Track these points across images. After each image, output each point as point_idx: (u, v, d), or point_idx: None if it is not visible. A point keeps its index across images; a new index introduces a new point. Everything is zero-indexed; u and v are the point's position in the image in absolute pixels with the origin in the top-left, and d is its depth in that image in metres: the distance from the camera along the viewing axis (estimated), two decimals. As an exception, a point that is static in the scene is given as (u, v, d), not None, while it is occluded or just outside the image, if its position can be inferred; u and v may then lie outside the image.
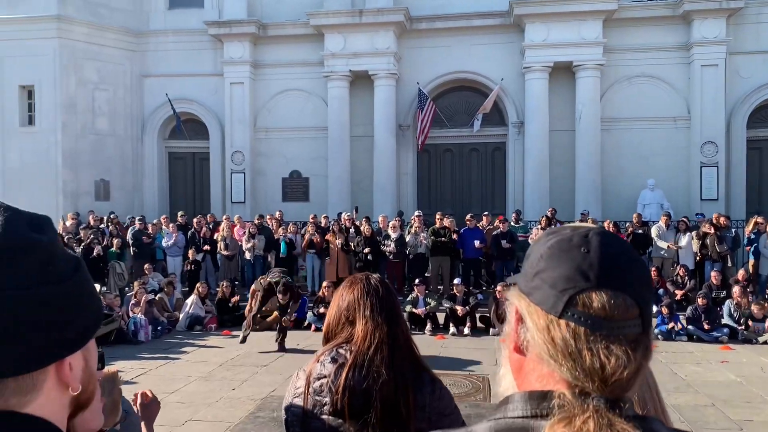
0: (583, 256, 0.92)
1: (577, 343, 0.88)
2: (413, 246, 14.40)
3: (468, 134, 18.03)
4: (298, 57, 18.23)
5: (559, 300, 0.90)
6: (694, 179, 16.64)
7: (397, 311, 2.19)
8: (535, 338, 0.92)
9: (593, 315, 0.88)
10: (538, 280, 0.94)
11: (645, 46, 16.87)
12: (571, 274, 0.91)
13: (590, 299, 0.89)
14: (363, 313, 2.13)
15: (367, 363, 2.06)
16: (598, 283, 0.89)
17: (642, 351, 0.88)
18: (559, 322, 0.90)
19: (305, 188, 18.51)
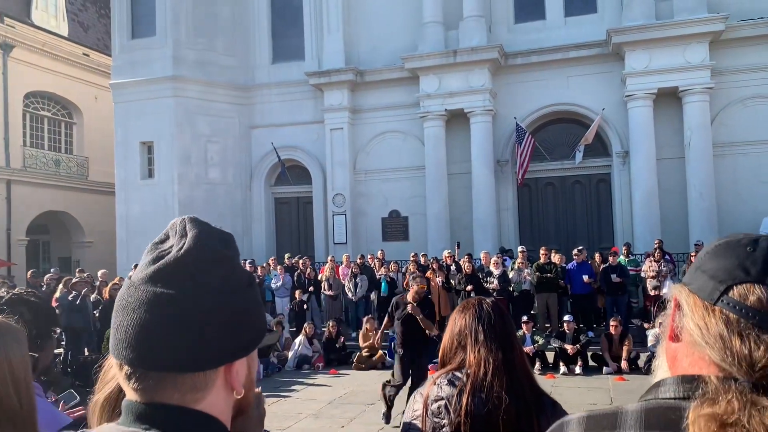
0: (748, 253, 0.98)
1: (729, 328, 0.93)
2: (517, 282, 14.11)
3: (570, 167, 17.61)
4: (394, 100, 18.68)
5: (716, 289, 0.97)
6: (824, 204, 15.33)
7: (512, 336, 2.18)
8: (690, 323, 0.98)
9: (748, 306, 0.93)
10: (699, 272, 1.00)
11: (758, 65, 15.94)
12: (732, 267, 0.97)
13: (747, 291, 0.94)
14: (475, 338, 2.14)
15: (486, 389, 2.06)
16: (758, 279, 0.95)
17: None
18: (713, 308, 0.96)
19: (404, 227, 18.69)
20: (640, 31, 16.08)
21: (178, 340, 0.92)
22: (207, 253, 0.97)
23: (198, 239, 0.97)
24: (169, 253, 0.96)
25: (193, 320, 0.92)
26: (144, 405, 0.94)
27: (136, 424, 0.93)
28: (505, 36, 17.91)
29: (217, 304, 0.94)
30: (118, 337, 0.95)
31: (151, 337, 0.92)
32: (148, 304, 0.93)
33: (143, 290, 0.94)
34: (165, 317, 0.92)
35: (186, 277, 0.94)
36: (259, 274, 15.93)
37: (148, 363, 0.92)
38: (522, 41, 17.75)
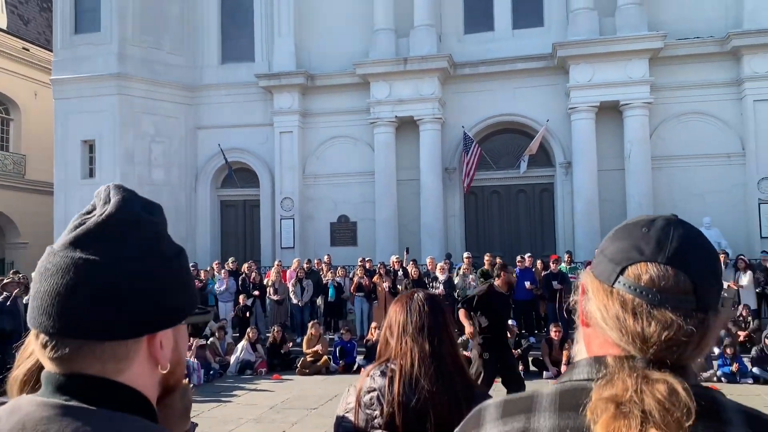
0: (643, 234, 1.00)
1: (624, 308, 0.96)
2: (462, 288, 14.26)
3: (515, 176, 17.97)
4: (345, 105, 18.68)
5: (613, 271, 0.99)
6: (752, 216, 16.09)
7: (442, 328, 2.20)
8: (593, 307, 1.01)
9: (642, 285, 0.96)
10: (601, 256, 1.03)
11: (694, 83, 16.65)
12: (627, 249, 1.00)
13: (641, 271, 0.97)
14: (403, 329, 2.17)
15: (414, 379, 2.07)
16: (652, 258, 0.97)
17: (692, 323, 0.93)
18: (612, 290, 0.98)
19: (353, 232, 18.68)
20: (584, 45, 16.58)
21: (95, 307, 0.88)
22: (129, 217, 0.94)
23: (120, 204, 0.95)
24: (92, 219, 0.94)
25: (112, 286, 0.89)
26: (63, 376, 0.90)
27: (56, 395, 0.89)
28: (454, 46, 18.17)
29: (138, 271, 0.91)
30: (35, 304, 0.91)
31: (67, 303, 0.88)
32: (66, 269, 0.89)
33: (62, 256, 0.91)
34: (82, 283, 0.88)
35: (106, 242, 0.91)
36: (202, 278, 15.63)
37: (64, 330, 0.89)
38: (471, 51, 18.04)
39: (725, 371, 10.74)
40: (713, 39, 16.39)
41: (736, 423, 0.92)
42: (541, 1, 18.03)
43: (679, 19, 16.66)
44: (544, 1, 17.99)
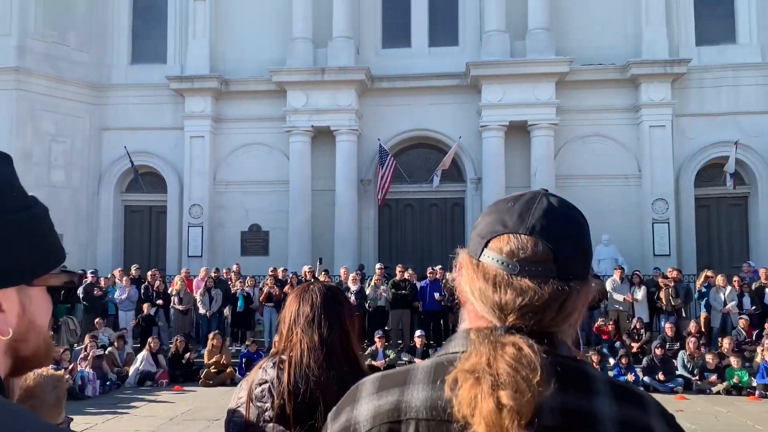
0: (509, 208, 1.04)
1: (486, 280, 0.99)
2: (373, 299, 14.30)
3: (428, 190, 18.28)
4: (260, 112, 18.41)
5: (480, 245, 1.02)
6: (646, 235, 17.10)
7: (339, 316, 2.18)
8: (463, 282, 1.03)
9: (503, 256, 0.99)
10: (474, 234, 1.06)
11: (596, 107, 17.58)
12: (493, 222, 1.03)
13: (502, 242, 1.00)
14: (296, 320, 2.14)
15: (305, 368, 2.04)
16: (514, 229, 1.00)
17: (552, 289, 0.96)
18: (479, 263, 1.01)
19: (265, 242, 18.35)
20: (495, 66, 17.16)
21: None
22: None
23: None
24: None
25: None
26: None
27: None
28: (372, 59, 18.35)
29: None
30: None
31: None
32: None
33: None
34: None
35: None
36: (102, 285, 14.87)
37: None
38: (388, 66, 18.27)
39: (618, 377, 11.29)
40: (614, 66, 17.39)
41: (603, 393, 0.95)
42: (456, 22, 18.55)
43: (584, 46, 17.57)
44: (459, 22, 18.52)
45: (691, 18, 17.68)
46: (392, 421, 0.98)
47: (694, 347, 12.04)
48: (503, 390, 0.89)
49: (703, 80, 17.37)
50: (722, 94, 17.32)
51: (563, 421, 0.92)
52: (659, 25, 17.31)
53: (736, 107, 17.22)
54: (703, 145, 17.33)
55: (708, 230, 17.71)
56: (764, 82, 17.13)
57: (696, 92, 17.40)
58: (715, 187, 17.56)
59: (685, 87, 17.35)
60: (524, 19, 17.56)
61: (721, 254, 17.66)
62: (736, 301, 13.40)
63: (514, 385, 0.89)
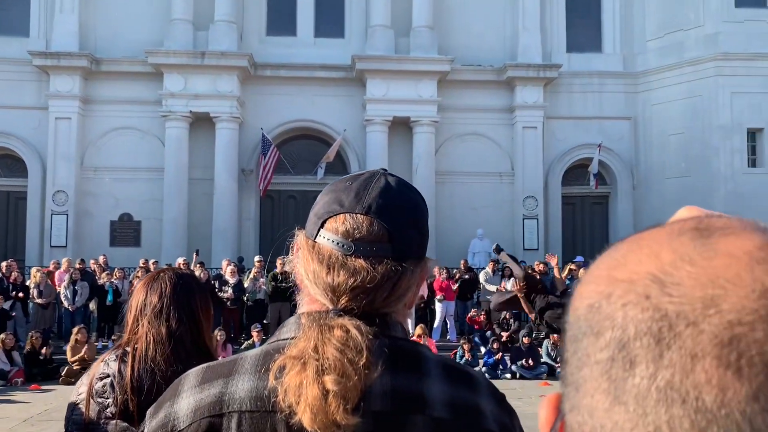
0: (346, 186, 1.01)
1: (321, 262, 0.96)
2: (252, 292, 14.01)
3: (312, 181, 18.13)
4: (134, 94, 17.41)
5: (316, 225, 0.99)
6: (517, 230, 18.01)
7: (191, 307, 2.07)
8: (299, 264, 1.00)
9: (338, 236, 0.97)
10: (311, 214, 1.03)
11: (475, 106, 18.24)
12: (330, 202, 1.00)
13: (338, 222, 0.98)
14: (143, 311, 2.02)
15: (150, 362, 1.93)
16: (350, 209, 0.98)
17: (386, 269, 0.95)
18: (314, 244, 0.98)
19: (137, 232, 17.42)
20: (380, 61, 17.34)
21: None
22: None
23: None
24: None
25: None
26: None
27: None
28: (256, 46, 17.92)
29: None
30: None
31: None
32: None
33: None
34: None
35: None
36: (-52, 276, 13.46)
37: None
38: (273, 54, 17.92)
39: (488, 362, 11.82)
40: (492, 68, 18.12)
41: (433, 375, 0.95)
42: (343, 13, 18.53)
43: (466, 46, 18.16)
44: (345, 14, 18.51)
45: (563, 26, 18.78)
46: (213, 415, 0.92)
47: (557, 336, 12.82)
48: (328, 375, 0.86)
49: (572, 85, 18.53)
50: (588, 99, 18.57)
51: (393, 404, 0.91)
52: (534, 30, 18.24)
53: (600, 112, 18.53)
54: (570, 147, 18.50)
55: (573, 226, 18.95)
56: (625, 89, 18.55)
57: (565, 96, 18.52)
58: (580, 186, 18.81)
59: (556, 91, 18.41)
60: (409, 17, 17.86)
61: (584, 249, 18.91)
62: (596, 293, 14.42)
63: (339, 369, 0.86)
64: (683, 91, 17.61)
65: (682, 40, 17.77)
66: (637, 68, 18.53)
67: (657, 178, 18.13)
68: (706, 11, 17.48)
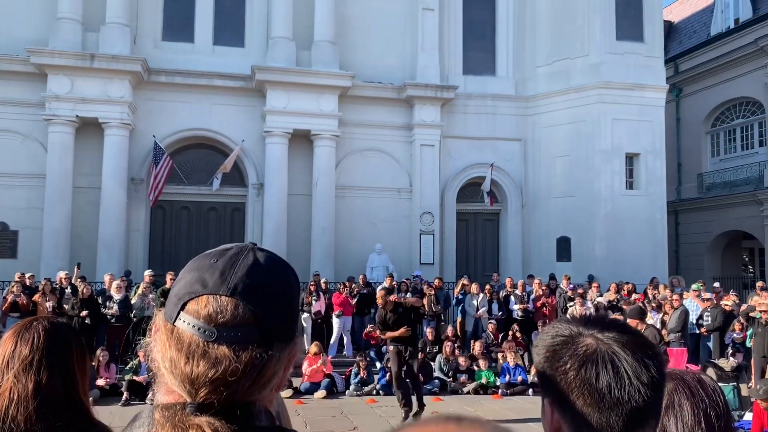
0: (210, 264, 0.93)
1: (179, 349, 0.88)
2: (140, 308, 13.39)
3: (207, 192, 17.66)
4: (13, 95, 16.23)
5: (175, 307, 0.91)
6: (414, 245, 18.36)
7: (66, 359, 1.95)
8: (154, 350, 0.92)
9: (200, 321, 0.89)
10: (171, 294, 0.94)
11: (375, 122, 18.48)
12: (193, 282, 0.92)
13: (200, 304, 0.90)
14: (9, 363, 1.86)
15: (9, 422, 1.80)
16: (214, 290, 0.90)
17: (250, 357, 0.89)
18: (173, 329, 0.90)
19: (13, 242, 16.19)
20: (281, 72, 17.18)
21: None
22: None
23: None
24: None
25: None
26: None
27: None
28: (150, 51, 17.24)
29: None
30: None
31: None
32: None
33: None
34: None
35: None
36: None
37: None
38: (168, 60, 17.32)
39: (382, 383, 11.91)
40: (392, 86, 18.44)
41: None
42: (243, 22, 18.22)
43: (367, 63, 18.38)
44: (246, 23, 18.22)
45: (459, 48, 19.43)
46: None
47: (449, 351, 13.17)
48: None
49: (468, 106, 19.19)
50: (482, 120, 19.30)
51: None
52: (432, 51, 18.75)
53: (493, 133, 19.30)
54: (465, 165, 19.12)
55: (466, 242, 19.57)
56: (516, 112, 19.44)
57: (461, 117, 19.15)
58: (473, 203, 19.48)
59: (452, 111, 19.01)
60: (311, 30, 17.84)
61: (476, 264, 19.62)
62: (487, 307, 14.97)
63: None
64: (569, 116, 18.71)
65: (569, 67, 18.89)
66: (528, 92, 19.49)
67: (544, 197, 19.11)
68: (590, 42, 18.69)
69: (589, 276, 17.18)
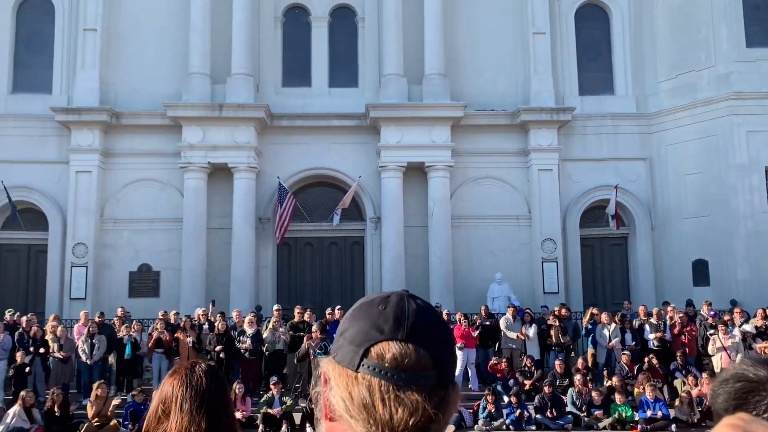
0: (380, 312, 0.96)
1: (372, 394, 0.89)
2: (271, 342, 13.92)
3: (328, 228, 18.23)
4: (154, 147, 17.75)
5: (356, 354, 0.92)
6: (537, 273, 17.84)
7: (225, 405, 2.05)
8: (337, 397, 0.92)
9: (386, 366, 0.90)
10: (342, 340, 0.96)
11: (489, 150, 18.32)
12: (367, 329, 0.94)
13: (383, 350, 0.92)
14: (180, 406, 1.96)
15: None
16: (392, 336, 0.92)
17: (436, 402, 0.90)
18: (356, 376, 0.91)
19: (156, 283, 17.50)
20: (393, 108, 17.56)
21: None
22: None
23: None
24: None
25: None
26: None
27: None
28: (272, 97, 18.25)
29: None
30: None
31: None
32: None
33: None
34: None
35: None
36: (-30, 332, 13.53)
37: None
38: (288, 105, 18.24)
39: (512, 418, 11.55)
40: (505, 112, 18.26)
41: None
42: (356, 64, 18.87)
43: (478, 92, 18.37)
44: (359, 64, 18.85)
45: (574, 69, 18.95)
46: None
47: (581, 384, 12.57)
48: None
49: (586, 127, 18.59)
50: (603, 141, 18.60)
51: None
52: (546, 74, 18.41)
53: (615, 153, 18.53)
54: (586, 189, 18.45)
55: (592, 269, 18.75)
56: (639, 130, 18.57)
57: (579, 138, 18.57)
58: (598, 227, 18.69)
59: (570, 133, 18.48)
60: (421, 64, 18.14)
61: (604, 291, 18.72)
62: (619, 337, 14.18)
63: None
64: (698, 131, 17.59)
65: (694, 80, 17.84)
66: (650, 109, 18.58)
67: (675, 217, 17.97)
68: (717, 52, 17.58)
69: (731, 301, 15.85)
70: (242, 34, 17.75)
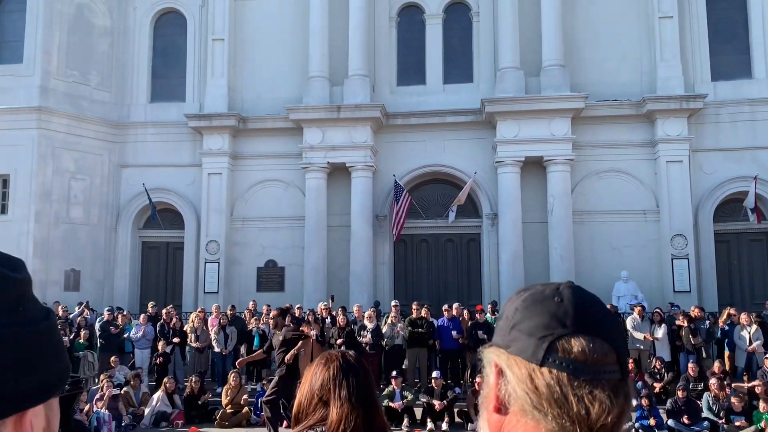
0: (558, 304, 0.92)
1: (563, 389, 0.86)
2: (390, 337, 14.16)
3: (443, 225, 18.24)
4: (277, 149, 18.60)
5: (539, 347, 0.89)
6: (666, 271, 16.87)
7: (374, 394, 2.11)
8: (517, 390, 0.89)
9: (574, 360, 0.87)
10: (516, 332, 0.92)
11: (613, 142, 17.54)
12: (548, 322, 0.90)
13: (570, 344, 0.88)
14: (338, 394, 2.00)
15: None
16: (576, 329, 0.89)
17: (623, 397, 0.88)
18: (541, 369, 0.88)
19: (281, 278, 18.35)
20: (510, 102, 17.24)
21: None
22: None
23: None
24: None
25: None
26: None
27: None
28: (387, 96, 18.53)
29: (1, 339, 0.75)
30: None
31: None
32: None
33: None
34: None
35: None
36: (119, 323, 14.88)
37: None
38: (403, 103, 18.44)
39: (644, 424, 11.01)
40: (630, 102, 17.40)
41: None
42: (471, 59, 18.72)
43: (599, 82, 17.63)
44: (473, 59, 18.69)
45: (706, 54, 17.71)
46: None
47: (717, 388, 11.74)
48: None
49: (719, 115, 17.31)
50: (739, 129, 17.24)
51: None
52: (674, 61, 17.35)
53: (753, 142, 17.12)
54: (721, 180, 17.19)
55: (729, 266, 17.44)
56: (781, 116, 17.03)
57: (712, 127, 17.33)
58: (734, 222, 17.36)
59: (702, 122, 17.29)
60: (538, 56, 17.69)
61: (743, 290, 17.37)
62: (762, 340, 13.11)
63: None
64: None
65: None
66: (795, 92, 16.99)
67: (827, 210, 16.32)
68: None
69: None
70: (358, 36, 18.17)
